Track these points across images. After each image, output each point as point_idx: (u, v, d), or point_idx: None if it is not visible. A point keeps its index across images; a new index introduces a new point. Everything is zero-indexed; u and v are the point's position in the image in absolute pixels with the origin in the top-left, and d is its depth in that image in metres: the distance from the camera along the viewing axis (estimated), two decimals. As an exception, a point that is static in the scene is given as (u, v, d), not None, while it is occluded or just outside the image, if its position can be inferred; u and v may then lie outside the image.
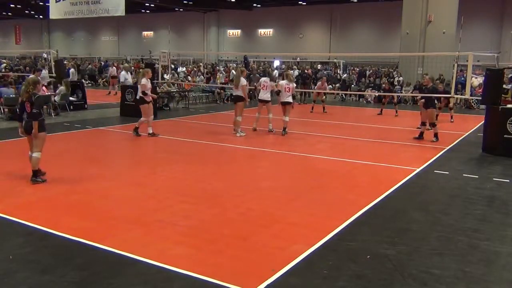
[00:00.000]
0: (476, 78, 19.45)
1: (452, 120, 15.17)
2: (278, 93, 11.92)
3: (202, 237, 5.00)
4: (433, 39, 21.16)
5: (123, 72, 17.44)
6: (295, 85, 12.12)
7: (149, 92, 10.98)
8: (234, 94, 11.77)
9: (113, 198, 6.40)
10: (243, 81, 11.40)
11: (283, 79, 12.29)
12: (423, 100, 11.50)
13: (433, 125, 11.36)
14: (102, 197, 6.39)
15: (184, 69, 27.96)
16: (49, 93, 14.61)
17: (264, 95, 12.10)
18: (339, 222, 5.49)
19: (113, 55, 48.03)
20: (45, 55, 29.66)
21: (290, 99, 11.82)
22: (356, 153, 9.82)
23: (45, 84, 13.07)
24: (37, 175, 6.90)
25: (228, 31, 44.07)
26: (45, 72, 16.85)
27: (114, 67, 24.19)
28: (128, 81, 16.65)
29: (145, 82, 10.94)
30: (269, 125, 12.12)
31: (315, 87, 18.95)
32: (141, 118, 11.09)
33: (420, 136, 11.54)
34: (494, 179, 7.85)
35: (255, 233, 5.18)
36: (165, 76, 19.45)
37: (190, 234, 5.10)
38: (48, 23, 52.71)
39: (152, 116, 11.55)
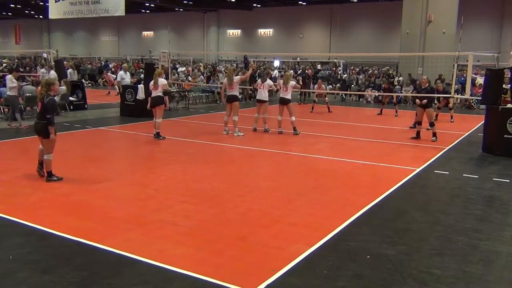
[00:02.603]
0: (482, 78, 19.46)
1: (452, 120, 15.17)
2: (277, 91, 12.12)
3: (202, 237, 5.00)
4: (433, 39, 21.16)
5: (121, 72, 17.43)
6: (293, 83, 12.28)
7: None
8: (228, 94, 11.83)
9: (113, 198, 6.40)
10: (235, 78, 11.64)
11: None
12: (425, 100, 11.42)
13: (431, 124, 11.37)
14: (102, 197, 6.40)
15: (184, 69, 27.93)
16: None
17: (259, 95, 12.23)
18: (339, 222, 5.49)
19: (113, 55, 48.03)
20: (45, 55, 29.63)
21: (285, 96, 11.93)
22: (356, 153, 9.82)
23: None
24: (51, 176, 7.03)
25: (228, 31, 44.07)
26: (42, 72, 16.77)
27: (110, 74, 24.31)
28: (126, 80, 16.64)
29: (166, 82, 11.06)
30: (264, 125, 12.21)
31: (314, 87, 19.14)
32: (158, 120, 10.81)
33: (418, 136, 11.55)
34: (494, 179, 7.85)
35: (255, 233, 5.18)
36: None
37: (190, 234, 5.10)
38: (48, 23, 52.73)
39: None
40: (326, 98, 18.42)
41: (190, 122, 14.23)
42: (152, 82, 10.97)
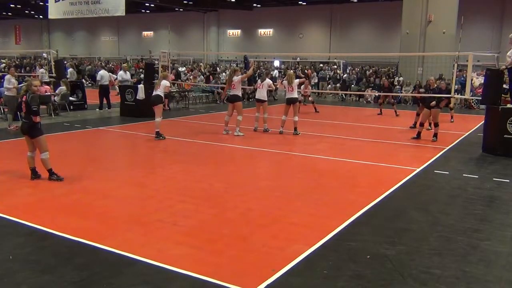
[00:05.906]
0: (478, 78, 19.45)
1: (452, 120, 15.17)
2: (276, 90, 12.21)
3: (202, 237, 5.00)
4: (433, 39, 21.16)
5: (121, 72, 17.44)
6: (297, 81, 12.27)
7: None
8: (230, 93, 11.84)
9: (113, 198, 6.40)
10: (235, 78, 11.58)
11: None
12: (434, 102, 11.36)
13: (436, 125, 11.35)
14: (102, 197, 6.39)
15: (184, 68, 27.92)
16: (49, 93, 14.59)
17: (259, 94, 12.26)
18: (339, 222, 5.49)
19: (113, 55, 48.04)
20: (45, 55, 29.63)
21: (292, 95, 11.90)
22: (356, 153, 9.82)
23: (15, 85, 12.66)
24: (52, 174, 7.02)
25: (228, 31, 44.05)
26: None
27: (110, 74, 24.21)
28: (125, 80, 16.64)
29: (168, 84, 11.32)
30: (264, 125, 12.22)
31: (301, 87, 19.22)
32: (157, 119, 10.87)
33: (418, 136, 11.55)
34: (494, 179, 7.85)
35: (255, 233, 5.18)
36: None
37: (190, 234, 5.10)
38: (48, 23, 52.69)
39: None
40: (311, 98, 18.59)
41: (190, 122, 14.23)
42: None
